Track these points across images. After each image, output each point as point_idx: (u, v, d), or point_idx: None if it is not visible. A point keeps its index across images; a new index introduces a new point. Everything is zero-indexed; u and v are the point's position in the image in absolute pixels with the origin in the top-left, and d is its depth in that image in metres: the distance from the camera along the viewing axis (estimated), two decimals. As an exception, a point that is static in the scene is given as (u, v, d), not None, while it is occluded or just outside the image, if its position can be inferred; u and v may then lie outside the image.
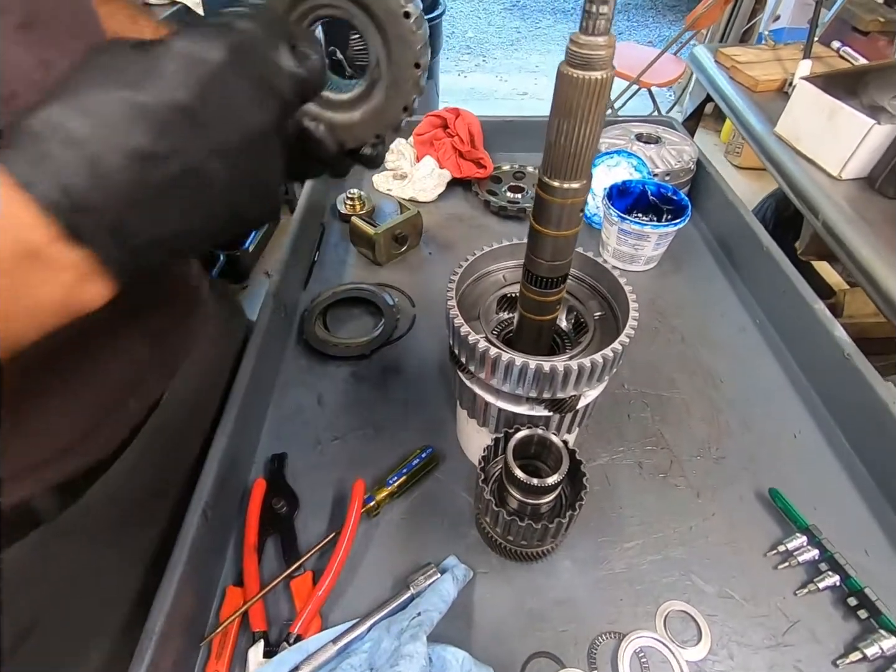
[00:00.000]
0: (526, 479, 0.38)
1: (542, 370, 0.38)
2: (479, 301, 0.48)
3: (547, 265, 0.38)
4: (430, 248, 0.84)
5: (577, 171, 0.33)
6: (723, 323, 0.72)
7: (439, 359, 0.66)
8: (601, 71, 0.28)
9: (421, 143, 0.95)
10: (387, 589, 0.46)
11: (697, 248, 0.84)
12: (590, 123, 0.30)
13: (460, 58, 4.20)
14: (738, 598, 0.46)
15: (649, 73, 2.38)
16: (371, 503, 0.50)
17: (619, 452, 0.57)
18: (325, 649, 0.41)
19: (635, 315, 0.42)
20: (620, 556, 0.49)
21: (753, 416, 0.60)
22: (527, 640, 0.44)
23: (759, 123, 1.05)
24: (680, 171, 0.84)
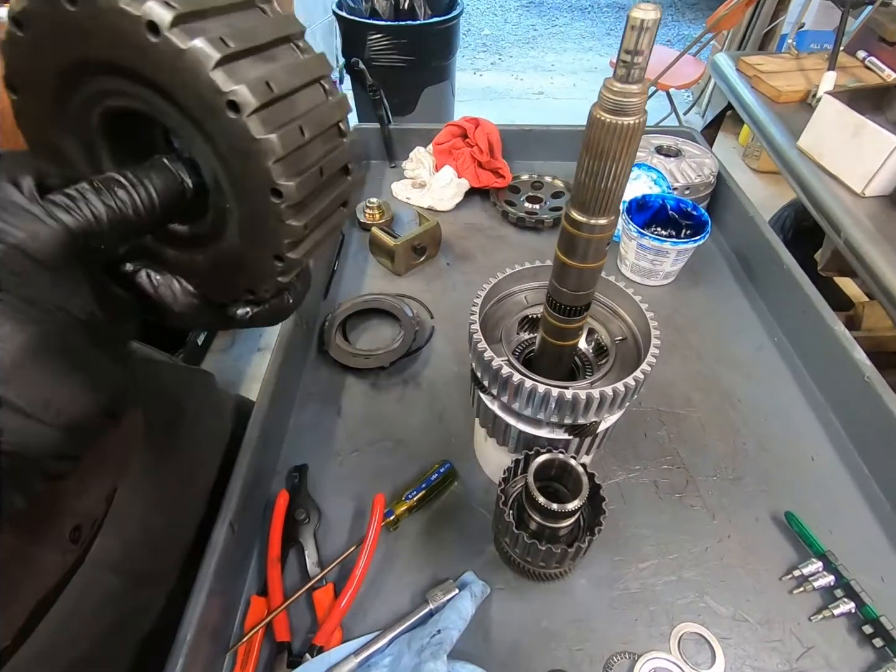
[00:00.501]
0: (546, 505, 0.39)
1: (564, 398, 0.39)
2: (500, 323, 0.49)
3: (571, 294, 0.39)
4: (447, 259, 0.84)
5: (606, 208, 0.33)
6: (740, 340, 0.72)
7: (457, 371, 0.67)
8: (634, 117, 0.29)
9: (440, 152, 0.96)
10: (406, 602, 0.48)
11: (716, 263, 0.84)
12: (620, 165, 0.31)
13: (476, 56, 4.19)
14: (753, 621, 0.46)
15: (668, 74, 2.35)
16: (391, 517, 0.51)
17: (636, 471, 0.57)
18: (346, 661, 0.42)
19: (657, 343, 0.42)
20: (635, 576, 0.49)
21: (770, 436, 0.61)
22: (542, 658, 0.45)
23: (782, 135, 1.04)
24: (700, 185, 0.84)
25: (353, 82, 2.02)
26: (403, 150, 1.02)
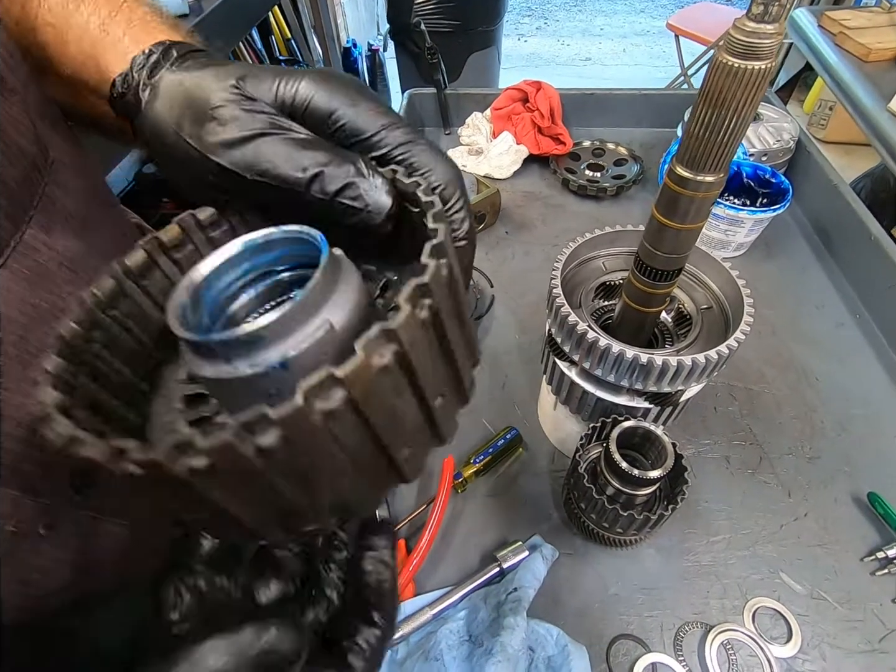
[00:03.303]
0: (629, 470, 0.39)
1: (654, 364, 0.38)
2: (577, 289, 0.48)
3: (664, 257, 0.38)
4: (506, 227, 0.83)
5: (718, 164, 0.31)
6: (819, 316, 0.68)
7: (519, 340, 0.67)
8: (765, 61, 0.27)
9: (498, 118, 0.93)
10: (474, 561, 0.49)
11: (791, 235, 0.79)
12: (742, 115, 0.29)
13: (520, 20, 4.03)
14: (832, 600, 0.45)
15: (730, 36, 2.20)
16: (459, 479, 0.52)
17: (705, 445, 0.56)
18: (421, 613, 0.43)
19: (750, 312, 0.41)
20: (707, 549, 0.49)
21: (850, 416, 0.58)
22: (611, 623, 0.45)
23: (870, 98, 0.96)
24: (778, 150, 0.79)
25: (396, 49, 1.97)
26: (458, 117, 1.00)
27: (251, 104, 0.23)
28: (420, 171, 0.23)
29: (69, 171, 0.33)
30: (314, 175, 0.22)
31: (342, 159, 0.22)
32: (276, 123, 0.23)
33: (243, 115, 0.23)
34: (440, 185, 0.24)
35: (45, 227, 0.29)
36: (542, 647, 0.39)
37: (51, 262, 0.29)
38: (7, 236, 0.27)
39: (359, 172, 0.22)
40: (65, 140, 0.33)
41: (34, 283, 0.28)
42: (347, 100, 0.23)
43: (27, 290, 0.28)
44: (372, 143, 0.23)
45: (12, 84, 0.28)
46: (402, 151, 0.23)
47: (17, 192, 0.27)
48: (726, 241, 0.73)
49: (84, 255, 0.32)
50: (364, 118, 0.23)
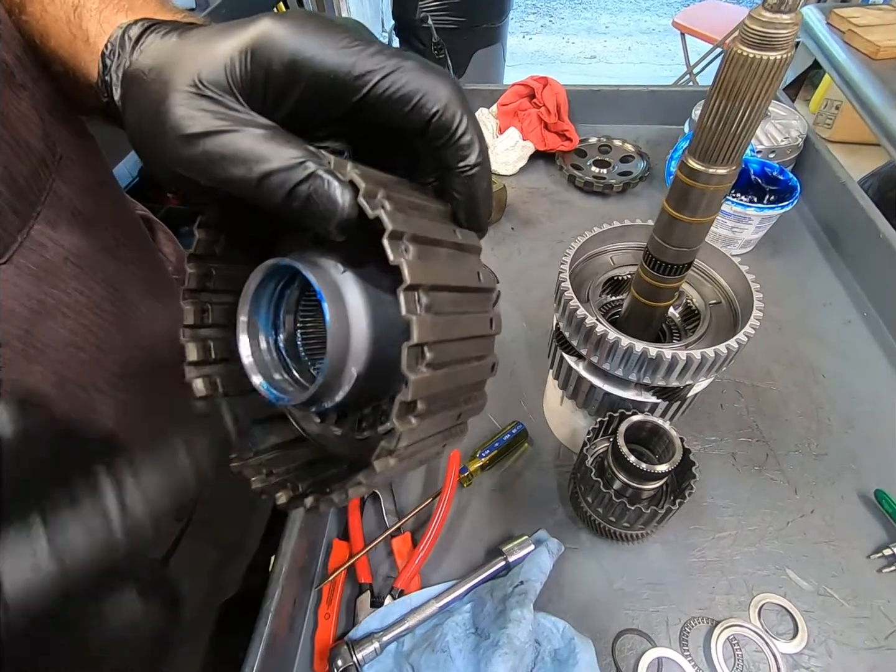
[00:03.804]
0: (636, 464, 0.39)
1: (663, 358, 0.38)
2: (585, 283, 0.48)
3: (674, 251, 0.37)
4: (512, 223, 0.83)
5: (730, 156, 0.31)
6: (826, 314, 0.68)
7: (524, 337, 0.67)
8: (781, 51, 0.26)
9: (504, 114, 0.93)
10: (479, 555, 0.49)
11: (797, 232, 0.79)
12: (756, 107, 0.29)
13: (525, 18, 4.02)
14: (838, 597, 0.45)
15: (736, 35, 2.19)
16: (465, 473, 0.52)
17: (711, 442, 0.56)
18: (427, 605, 0.43)
19: (760, 307, 0.41)
20: (713, 545, 0.49)
21: (857, 413, 0.58)
22: (616, 618, 0.45)
23: (879, 96, 0.95)
24: (786, 147, 0.78)
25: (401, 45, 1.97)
26: (465, 112, 0.99)
27: (202, 101, 0.20)
28: (412, 100, 0.20)
29: (77, 167, 0.33)
30: (261, 178, 0.19)
31: (293, 158, 0.19)
32: (229, 117, 0.20)
33: (194, 115, 0.20)
34: (437, 109, 0.20)
35: (51, 223, 0.29)
36: (549, 640, 0.39)
37: (57, 257, 0.29)
38: (14, 232, 0.27)
39: (310, 173, 0.19)
40: (73, 134, 0.33)
41: (40, 278, 0.28)
42: (308, 42, 0.20)
43: (33, 285, 0.28)
44: (348, 83, 0.20)
45: (22, 80, 0.28)
46: (388, 84, 0.20)
47: (25, 188, 0.27)
48: (733, 239, 0.72)
49: (90, 251, 0.32)
50: (333, 55, 0.20)
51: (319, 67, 0.20)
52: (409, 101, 0.20)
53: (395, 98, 0.20)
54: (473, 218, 0.24)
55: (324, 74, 0.20)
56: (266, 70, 0.20)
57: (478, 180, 0.22)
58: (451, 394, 0.22)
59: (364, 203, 0.19)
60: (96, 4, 0.27)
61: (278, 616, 0.40)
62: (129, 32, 0.24)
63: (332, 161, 0.20)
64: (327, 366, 0.21)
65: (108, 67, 0.25)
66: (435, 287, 0.19)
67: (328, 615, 0.44)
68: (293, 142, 0.20)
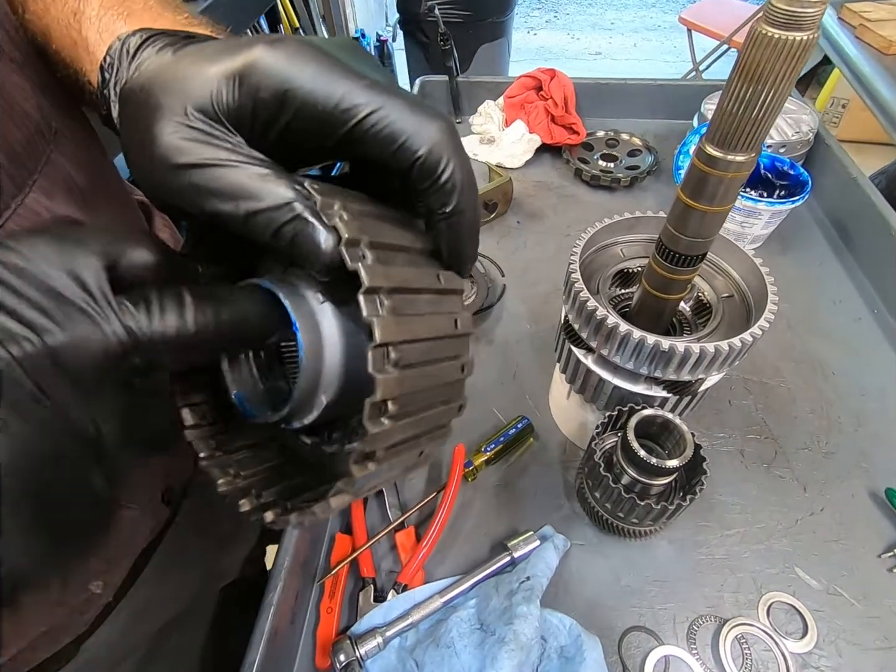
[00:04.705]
0: (646, 459, 0.38)
1: (676, 351, 0.37)
2: (594, 275, 0.47)
3: (688, 241, 0.37)
4: (518, 217, 0.82)
5: (750, 142, 0.30)
6: (836, 311, 0.67)
7: (531, 330, 0.66)
8: (808, 31, 0.25)
9: (511, 106, 0.92)
10: (484, 550, 0.48)
11: (807, 228, 0.78)
12: (779, 90, 0.28)
13: (530, 13, 3.99)
14: (848, 596, 0.45)
15: (743, 31, 2.17)
16: (470, 467, 0.51)
17: (720, 438, 0.55)
18: (431, 600, 0.43)
19: (774, 300, 0.40)
20: (721, 542, 0.48)
21: (867, 411, 0.57)
22: (623, 615, 0.44)
23: (890, 91, 0.94)
24: (797, 143, 0.77)
25: (405, 39, 1.95)
26: (470, 105, 0.98)
27: (189, 132, 0.19)
28: (397, 141, 0.20)
29: (72, 143, 0.32)
30: (247, 215, 0.19)
31: (280, 197, 0.19)
32: (216, 148, 0.19)
33: (182, 146, 0.19)
34: (420, 153, 0.20)
35: (47, 193, 0.29)
36: (555, 636, 0.39)
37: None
38: (9, 198, 0.27)
39: (296, 216, 0.19)
40: (67, 114, 0.33)
41: None
42: (298, 72, 0.19)
43: None
44: (336, 116, 0.19)
45: (13, 55, 0.27)
46: (375, 120, 0.19)
47: (20, 154, 0.27)
48: (743, 234, 0.71)
49: (86, 224, 0.32)
50: (322, 87, 0.19)
51: (307, 98, 0.19)
52: (394, 141, 0.20)
53: (381, 136, 0.19)
54: (455, 261, 0.23)
55: (311, 105, 0.19)
56: (254, 98, 0.19)
57: (460, 226, 0.22)
58: (421, 402, 0.21)
59: (345, 253, 0.19)
60: (95, 11, 0.26)
61: (280, 610, 0.39)
62: (128, 45, 0.23)
63: (319, 202, 0.19)
64: (297, 393, 0.21)
65: (106, 81, 0.24)
66: (406, 341, 0.20)
67: (330, 609, 0.44)
68: (282, 179, 0.19)
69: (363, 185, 0.23)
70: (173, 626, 0.50)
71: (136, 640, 0.47)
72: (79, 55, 0.27)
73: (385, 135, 0.19)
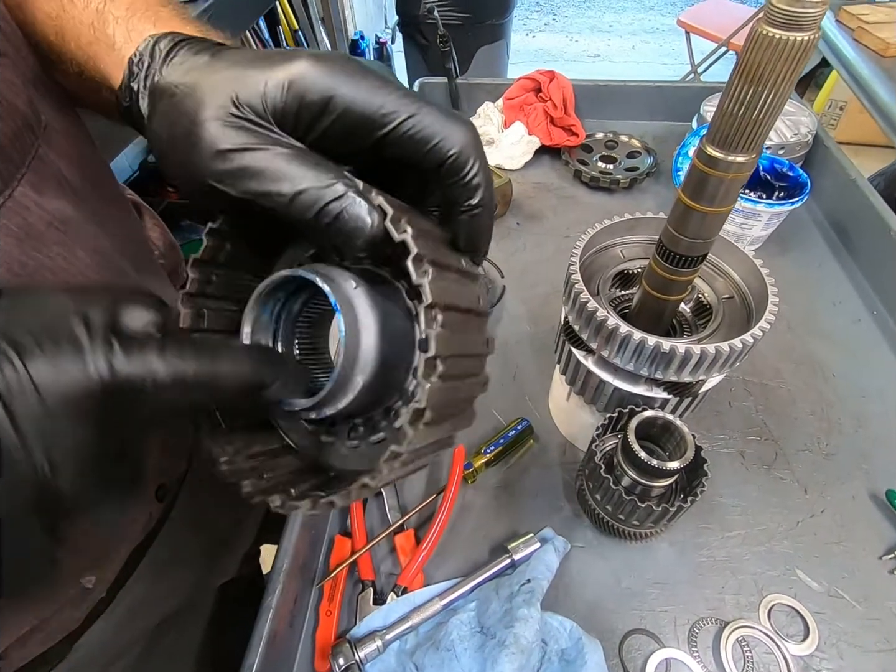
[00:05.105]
0: (647, 460, 0.38)
1: (676, 352, 0.37)
2: (594, 277, 0.47)
3: (688, 242, 0.37)
4: (517, 218, 0.82)
5: (750, 143, 0.30)
6: (835, 312, 0.67)
7: (530, 332, 0.66)
8: (809, 32, 0.25)
9: (510, 108, 0.92)
10: (484, 553, 0.48)
11: (806, 230, 0.78)
12: (780, 90, 0.28)
13: (529, 16, 4.01)
14: (849, 598, 0.44)
15: (741, 34, 2.18)
16: (469, 469, 0.51)
17: (720, 440, 0.55)
18: (431, 603, 0.42)
19: (775, 301, 0.40)
20: (721, 544, 0.48)
21: (868, 413, 0.57)
22: (624, 617, 0.44)
23: (888, 93, 0.94)
24: (796, 144, 0.77)
25: (405, 41, 1.96)
26: (469, 107, 0.98)
27: (237, 121, 0.22)
28: (431, 142, 0.22)
29: (62, 138, 0.32)
30: (295, 194, 0.21)
31: (326, 178, 0.21)
32: (263, 136, 0.22)
33: (229, 132, 0.21)
34: (453, 152, 0.23)
35: (36, 188, 0.29)
36: (556, 639, 0.39)
37: (40, 222, 0.29)
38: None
39: (342, 194, 0.21)
40: (58, 111, 0.33)
41: (22, 240, 0.28)
42: (341, 82, 0.22)
43: (15, 247, 0.28)
44: (375, 120, 0.22)
45: (2, 48, 0.28)
46: (409, 126, 0.22)
47: (7, 148, 0.27)
48: (742, 235, 0.71)
49: (75, 220, 0.32)
50: (363, 99, 0.22)
51: (351, 104, 0.22)
52: (428, 142, 0.22)
53: (417, 138, 0.22)
54: (473, 250, 0.26)
55: (354, 110, 0.22)
56: (300, 101, 0.22)
57: (480, 218, 0.24)
58: (453, 405, 0.23)
59: (391, 227, 0.21)
60: (122, 13, 0.28)
61: (279, 613, 0.39)
62: (160, 45, 0.25)
63: (362, 185, 0.22)
64: (338, 373, 0.22)
65: (134, 74, 0.25)
66: (448, 307, 0.21)
67: (329, 612, 0.44)
68: (326, 164, 0.22)
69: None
70: (170, 624, 0.49)
71: (131, 638, 0.46)
72: (98, 52, 0.28)
73: (420, 137, 0.22)
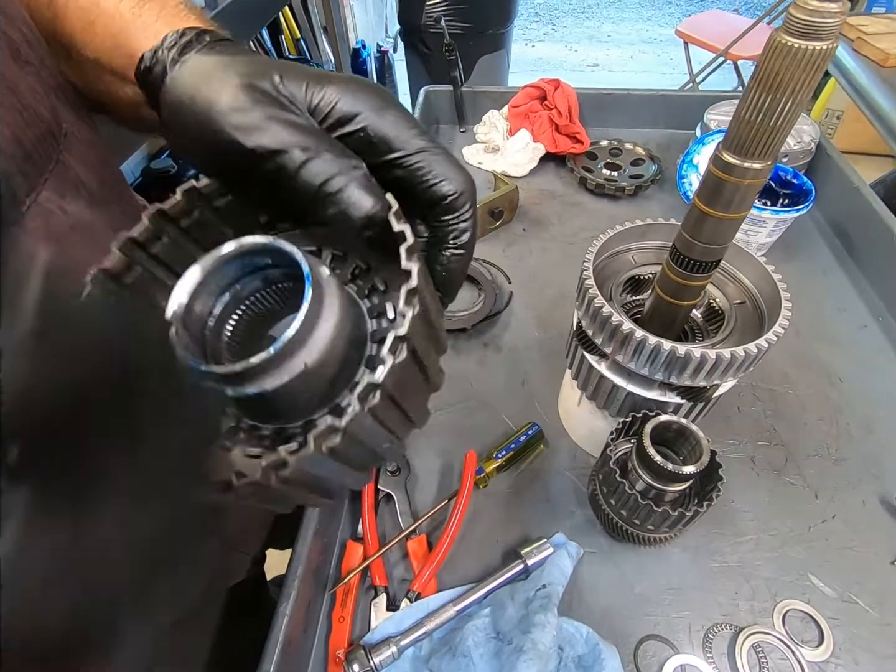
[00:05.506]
0: (663, 464, 0.38)
1: (692, 356, 0.37)
2: (607, 282, 0.47)
3: (702, 248, 0.37)
4: (523, 225, 0.82)
5: (766, 150, 0.31)
6: (841, 319, 0.67)
7: (539, 337, 0.66)
8: (827, 41, 0.26)
9: (516, 116, 0.93)
10: (496, 558, 0.48)
11: (811, 237, 0.79)
12: (797, 98, 0.28)
13: (528, 26, 4.05)
14: (863, 604, 0.44)
15: (737, 44, 2.21)
16: (481, 474, 0.51)
17: (730, 445, 0.55)
18: (445, 609, 0.42)
19: (788, 306, 0.40)
20: (734, 549, 0.48)
21: (877, 418, 0.57)
22: (638, 623, 0.44)
23: (888, 102, 0.96)
24: (799, 152, 0.78)
25: (406, 50, 1.97)
26: (474, 114, 0.99)
27: (273, 91, 0.23)
28: (435, 179, 0.24)
29: (82, 146, 0.33)
30: (307, 160, 0.22)
31: (340, 153, 0.23)
32: (290, 109, 0.23)
33: (257, 95, 0.23)
34: (453, 194, 0.25)
35: (59, 192, 0.30)
36: (572, 645, 0.38)
37: (63, 225, 0.30)
38: (22, 195, 0.27)
39: (350, 171, 0.22)
40: (79, 119, 0.34)
41: (48, 242, 0.29)
42: (372, 104, 0.24)
43: (43, 249, 0.28)
44: (390, 146, 0.24)
45: (27, 57, 0.28)
46: (419, 159, 0.24)
47: (33, 153, 0.28)
48: (747, 242, 0.72)
49: (96, 224, 0.33)
50: (386, 123, 0.24)
51: (374, 124, 0.24)
52: (433, 178, 0.24)
53: (421, 172, 0.24)
54: (446, 292, 0.28)
55: (375, 129, 0.24)
56: (332, 106, 0.24)
57: (460, 261, 0.27)
58: (362, 451, 0.23)
59: (392, 218, 0.22)
60: (155, 14, 0.30)
61: (293, 619, 0.39)
62: (203, 36, 0.27)
63: (366, 170, 0.23)
64: (283, 343, 0.19)
65: (169, 44, 0.27)
66: (423, 301, 0.22)
67: (343, 618, 0.43)
68: (342, 146, 0.23)
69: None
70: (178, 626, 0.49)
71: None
72: (128, 39, 0.29)
73: (424, 172, 0.24)
